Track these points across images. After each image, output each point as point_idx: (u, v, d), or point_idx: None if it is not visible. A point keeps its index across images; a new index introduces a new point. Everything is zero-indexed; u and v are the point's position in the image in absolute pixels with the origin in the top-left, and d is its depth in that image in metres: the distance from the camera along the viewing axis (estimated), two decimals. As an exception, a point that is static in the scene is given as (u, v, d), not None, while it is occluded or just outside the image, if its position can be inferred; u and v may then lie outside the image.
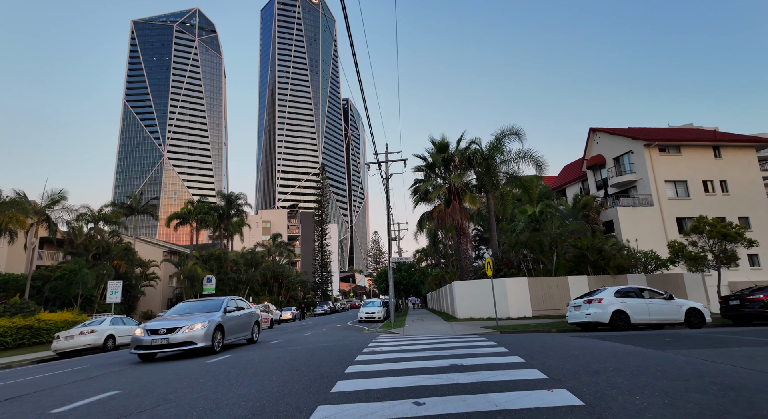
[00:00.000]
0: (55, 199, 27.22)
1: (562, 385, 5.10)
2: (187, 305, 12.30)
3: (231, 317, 11.92)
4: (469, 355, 7.90)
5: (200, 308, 11.77)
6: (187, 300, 13.38)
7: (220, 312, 11.41)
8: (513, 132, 23.86)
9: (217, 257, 44.76)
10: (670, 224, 29.32)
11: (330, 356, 8.82)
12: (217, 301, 12.17)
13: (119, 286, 21.63)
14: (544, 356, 7.48)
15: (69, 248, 33.65)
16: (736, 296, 14.95)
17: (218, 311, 11.45)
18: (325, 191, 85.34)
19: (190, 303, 12.43)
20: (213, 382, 6.46)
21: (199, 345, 10.18)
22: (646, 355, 7.28)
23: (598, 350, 8.11)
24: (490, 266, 17.41)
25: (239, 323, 12.47)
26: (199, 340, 10.23)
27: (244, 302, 13.74)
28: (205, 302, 12.30)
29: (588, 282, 21.71)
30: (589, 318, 13.79)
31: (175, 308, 12.22)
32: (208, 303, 12.16)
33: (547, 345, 9.29)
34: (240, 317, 12.62)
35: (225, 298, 12.41)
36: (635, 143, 31.15)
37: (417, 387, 5.31)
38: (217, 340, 10.88)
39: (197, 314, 11.17)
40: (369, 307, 29.04)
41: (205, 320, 10.62)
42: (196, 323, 10.45)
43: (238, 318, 12.41)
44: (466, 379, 5.60)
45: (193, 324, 10.42)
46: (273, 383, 6.05)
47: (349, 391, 5.24)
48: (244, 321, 12.86)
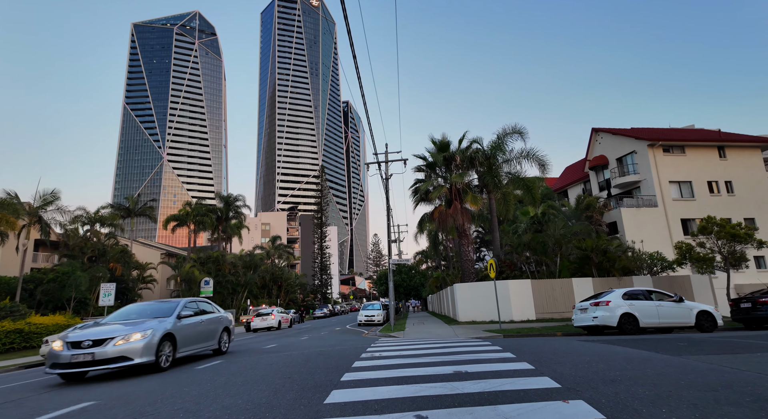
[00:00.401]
0: (47, 200, 26.61)
1: (579, 395, 4.66)
2: (135, 308, 10.31)
3: (188, 324, 9.86)
4: (473, 361, 7.44)
5: (149, 312, 9.76)
6: (138, 303, 11.49)
7: (172, 318, 9.35)
8: (515, 131, 23.44)
9: (214, 259, 44.29)
10: (675, 225, 28.89)
11: (326, 362, 8.34)
12: (170, 303, 10.22)
13: (112, 289, 21.16)
14: (554, 362, 7.02)
15: (64, 250, 33.22)
16: (747, 298, 14.47)
17: (169, 316, 9.40)
18: (325, 193, 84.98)
19: (140, 306, 10.49)
20: (197, 392, 5.98)
21: (136, 361, 8.05)
22: (664, 362, 6.81)
23: (610, 355, 7.65)
24: (493, 267, 16.94)
25: (199, 330, 10.32)
26: (137, 355, 8.05)
27: (209, 305, 11.70)
28: (157, 304, 10.41)
29: (593, 284, 21.26)
30: (596, 321, 13.32)
31: (119, 312, 10.11)
32: (161, 305, 10.21)
33: (556, 349, 8.82)
34: (201, 323, 10.47)
35: (181, 300, 10.45)
36: (639, 143, 30.75)
37: (418, 397, 4.86)
38: (165, 353, 8.74)
39: (142, 320, 9.11)
40: (368, 310, 28.65)
41: (147, 328, 8.48)
42: (134, 332, 8.26)
43: (197, 325, 10.27)
44: (472, 388, 5.14)
45: (130, 333, 8.21)
46: (262, 393, 5.58)
47: (345, 402, 4.79)
48: (206, 328, 10.69)
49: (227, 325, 12.00)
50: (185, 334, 9.59)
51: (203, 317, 10.72)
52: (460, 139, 25.23)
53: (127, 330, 8.34)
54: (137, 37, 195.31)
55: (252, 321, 30.27)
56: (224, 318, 11.91)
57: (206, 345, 10.74)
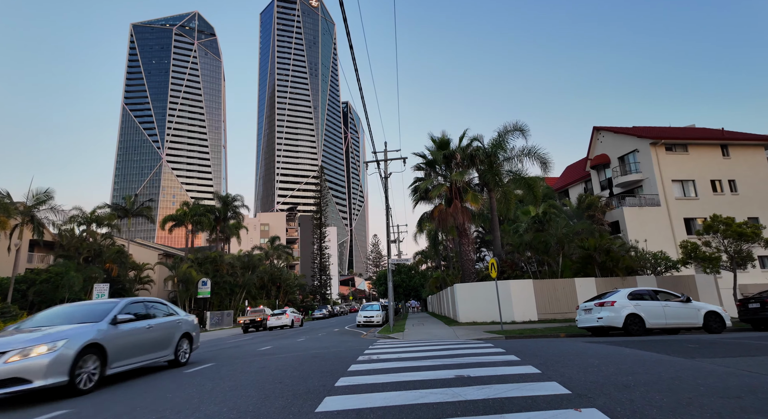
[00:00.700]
0: (41, 199, 26.20)
1: (591, 403, 4.30)
2: (64, 310, 8.23)
3: (127, 330, 7.77)
4: (476, 364, 7.06)
5: (78, 315, 7.69)
6: (73, 303, 9.15)
7: (103, 323, 7.33)
8: (517, 128, 23.07)
9: (212, 260, 43.88)
10: (678, 224, 28.55)
11: (321, 365, 7.96)
12: (106, 305, 8.14)
13: (106, 289, 20.79)
14: (561, 365, 6.65)
15: (60, 251, 32.82)
16: (756, 299, 14.13)
17: (99, 321, 7.38)
18: (324, 194, 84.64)
19: (70, 308, 8.36)
20: (181, 398, 5.60)
21: (37, 385, 5.87)
22: (677, 365, 6.45)
23: (620, 358, 7.28)
24: (495, 267, 16.56)
25: (145, 338, 8.26)
26: (38, 375, 5.89)
27: (165, 306, 9.68)
28: (90, 306, 8.38)
29: (596, 284, 20.92)
30: (601, 322, 12.95)
31: (45, 314, 8.10)
32: (94, 307, 8.11)
33: (561, 352, 8.45)
34: (148, 329, 8.40)
35: (120, 301, 8.36)
36: (641, 142, 30.41)
37: (418, 405, 4.49)
38: (87, 371, 6.69)
39: (60, 326, 7.08)
40: (367, 311, 28.29)
41: (60, 338, 6.39)
42: (38, 344, 6.15)
43: (142, 332, 8.19)
44: (476, 395, 4.77)
45: (32, 345, 6.11)
46: (250, 399, 5.19)
47: (338, 411, 4.42)
48: (156, 335, 8.62)
49: (188, 331, 9.85)
50: (121, 344, 7.52)
51: (153, 322, 8.66)
52: (461, 137, 24.88)
53: (30, 342, 6.20)
54: (136, 37, 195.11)
55: (268, 320, 31.65)
56: (184, 322, 9.80)
57: (155, 357, 8.60)
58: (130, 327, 7.93)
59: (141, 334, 8.18)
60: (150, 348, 8.43)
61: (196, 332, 10.38)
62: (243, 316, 32.21)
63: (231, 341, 20.09)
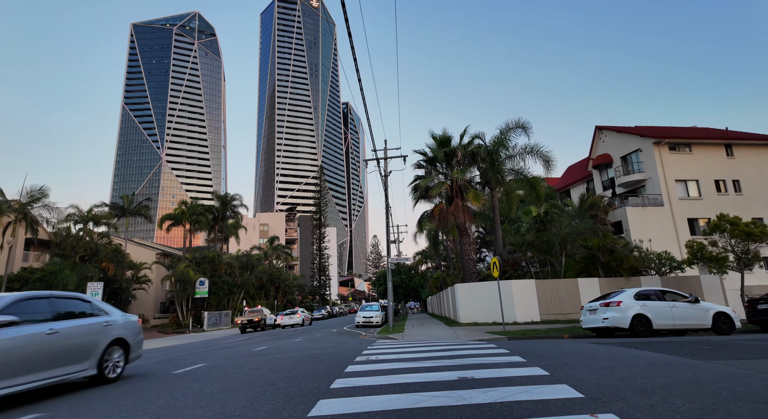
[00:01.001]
0: (35, 196, 25.76)
1: (608, 408, 3.96)
2: None
3: (14, 338, 5.58)
4: (479, 366, 6.70)
5: None
6: None
7: None
8: (519, 125, 22.69)
9: (210, 259, 43.44)
10: (682, 225, 28.18)
11: (316, 366, 7.59)
12: None
13: (100, 288, 20.41)
14: (569, 367, 6.30)
15: (56, 249, 32.42)
16: (765, 299, 13.75)
17: None
18: (324, 194, 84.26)
19: None
20: (165, 400, 5.23)
21: None
22: (693, 367, 6.09)
23: (631, 360, 6.92)
24: (497, 266, 16.20)
25: (45, 348, 5.96)
26: None
27: (86, 303, 7.24)
28: None
29: (599, 284, 20.55)
30: (606, 322, 12.57)
31: None
32: None
33: (568, 353, 8.09)
34: (53, 336, 6.13)
35: (5, 296, 6.06)
36: (644, 141, 30.06)
37: (419, 409, 4.14)
38: None
39: None
40: (366, 311, 27.92)
41: None
42: None
43: (41, 339, 5.95)
44: (481, 398, 4.41)
45: None
46: (237, 403, 4.83)
47: (332, 415, 4.09)
48: (65, 344, 6.31)
49: (122, 335, 7.41)
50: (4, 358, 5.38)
51: (59, 325, 6.34)
52: (462, 134, 24.50)
53: None
54: (137, 37, 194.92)
55: (281, 319, 33.65)
56: (115, 325, 7.35)
57: (64, 372, 6.25)
58: (21, 332, 5.72)
59: (34, 343, 5.86)
60: (57, 360, 6.15)
61: (136, 338, 7.89)
62: (241, 316, 31.80)
63: (226, 341, 19.70)
